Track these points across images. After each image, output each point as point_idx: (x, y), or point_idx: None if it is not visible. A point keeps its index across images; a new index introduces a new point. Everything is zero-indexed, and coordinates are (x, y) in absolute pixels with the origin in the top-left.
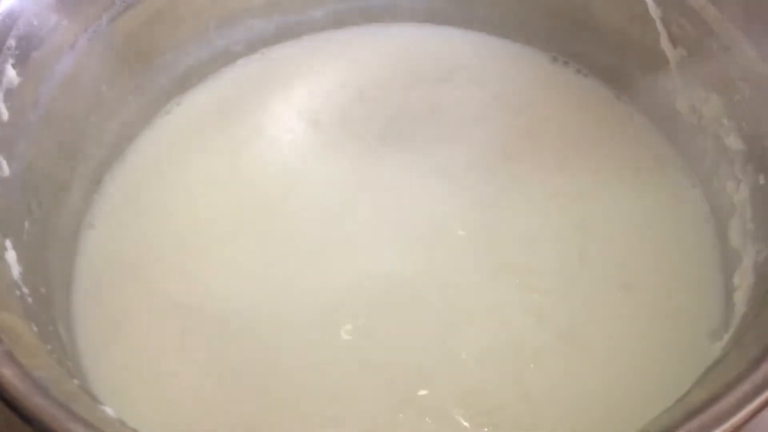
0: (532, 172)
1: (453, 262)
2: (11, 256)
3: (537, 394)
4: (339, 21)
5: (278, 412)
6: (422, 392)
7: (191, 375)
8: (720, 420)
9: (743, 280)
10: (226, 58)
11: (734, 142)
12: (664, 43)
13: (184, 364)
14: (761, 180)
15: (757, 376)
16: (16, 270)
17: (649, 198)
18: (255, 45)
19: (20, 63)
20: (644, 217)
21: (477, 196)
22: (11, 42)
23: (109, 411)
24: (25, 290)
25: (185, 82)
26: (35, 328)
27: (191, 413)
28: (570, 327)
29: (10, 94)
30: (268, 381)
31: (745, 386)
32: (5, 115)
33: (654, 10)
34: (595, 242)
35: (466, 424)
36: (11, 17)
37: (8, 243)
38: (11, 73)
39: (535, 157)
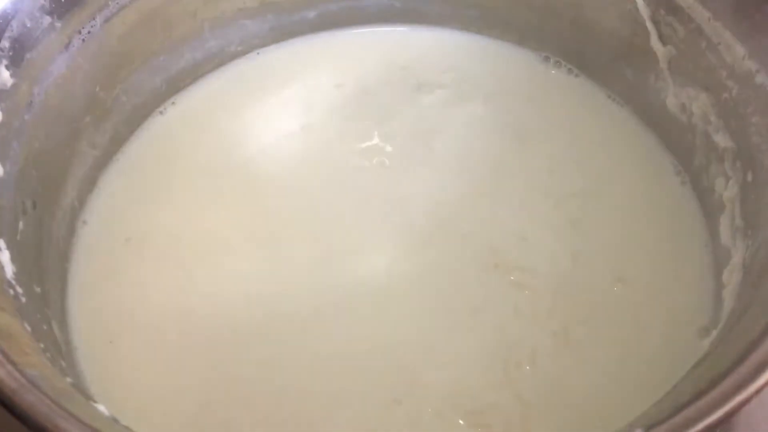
0: (524, 171)
1: (446, 261)
2: (5, 255)
3: (529, 392)
4: (332, 22)
5: (272, 410)
6: (415, 392)
7: (185, 373)
8: (705, 414)
9: (732, 277)
10: (221, 58)
11: (723, 140)
12: (654, 42)
13: (178, 362)
14: (749, 177)
15: (741, 371)
16: (9, 269)
17: (639, 196)
18: (249, 45)
19: (14, 64)
20: (635, 215)
21: (470, 196)
22: (5, 43)
23: (102, 409)
24: (19, 290)
25: (179, 83)
26: (28, 327)
27: (184, 411)
28: (563, 325)
29: (4, 95)
30: (262, 379)
31: (730, 381)
32: None
33: (644, 9)
34: (587, 241)
35: (458, 423)
36: (5, 19)
37: (2, 243)
38: (5, 74)
39: (527, 156)
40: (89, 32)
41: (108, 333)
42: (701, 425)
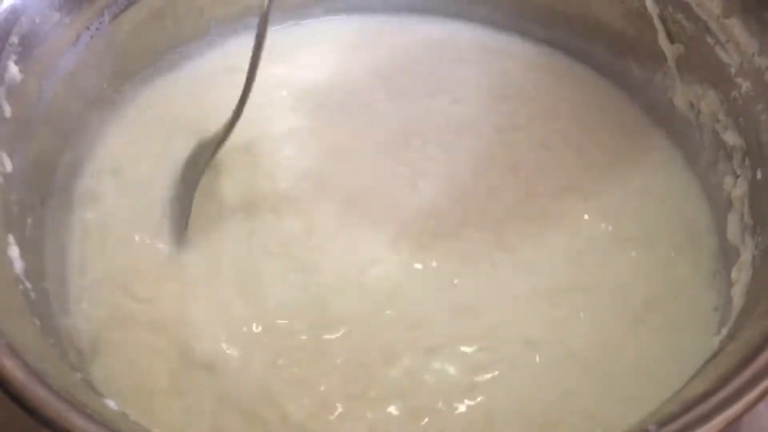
0: (529, 166)
1: (450, 257)
2: (14, 251)
3: (538, 392)
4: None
5: (268, 413)
6: (417, 392)
7: (192, 371)
8: (717, 411)
9: (741, 275)
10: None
11: (732, 138)
12: (662, 40)
13: (185, 360)
14: (759, 175)
15: (754, 367)
16: (18, 265)
17: (646, 194)
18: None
19: (23, 60)
20: (641, 212)
21: (474, 191)
22: (14, 39)
23: (111, 404)
24: (28, 285)
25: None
26: (38, 322)
27: (192, 409)
28: (570, 320)
29: (12, 91)
30: (269, 375)
31: (742, 378)
32: (8, 112)
33: (651, 7)
34: (593, 239)
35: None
36: (14, 14)
37: (11, 238)
38: (14, 69)
39: (532, 153)
40: (97, 29)
41: (114, 329)
42: (714, 422)
